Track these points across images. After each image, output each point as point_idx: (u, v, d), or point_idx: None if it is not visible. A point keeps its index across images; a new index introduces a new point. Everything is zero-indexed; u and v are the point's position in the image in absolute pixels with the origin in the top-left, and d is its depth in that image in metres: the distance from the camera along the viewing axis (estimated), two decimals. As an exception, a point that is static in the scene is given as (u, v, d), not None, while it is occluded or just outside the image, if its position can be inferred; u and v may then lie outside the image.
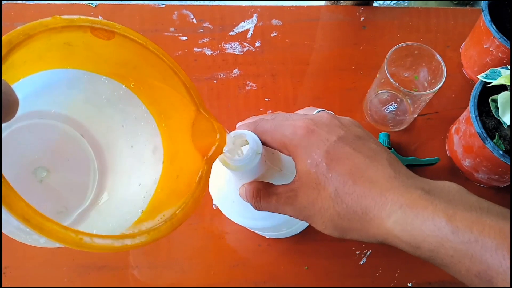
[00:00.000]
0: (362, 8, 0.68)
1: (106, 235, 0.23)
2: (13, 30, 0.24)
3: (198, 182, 0.29)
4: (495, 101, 0.49)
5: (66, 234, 0.21)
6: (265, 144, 0.33)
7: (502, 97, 0.48)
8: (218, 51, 0.64)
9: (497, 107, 0.49)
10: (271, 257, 0.53)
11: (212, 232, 0.54)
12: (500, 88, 0.50)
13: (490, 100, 0.50)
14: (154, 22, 0.66)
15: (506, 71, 0.49)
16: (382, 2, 1.47)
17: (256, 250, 0.53)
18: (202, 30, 0.65)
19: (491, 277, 0.24)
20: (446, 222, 0.25)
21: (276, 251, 0.53)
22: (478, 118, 0.49)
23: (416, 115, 0.58)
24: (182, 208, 0.27)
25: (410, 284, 0.52)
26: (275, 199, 0.32)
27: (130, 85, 0.32)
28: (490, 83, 0.49)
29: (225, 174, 0.36)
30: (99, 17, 0.65)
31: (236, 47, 0.65)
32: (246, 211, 0.38)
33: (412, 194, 0.27)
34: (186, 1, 0.79)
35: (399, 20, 0.68)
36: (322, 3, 0.71)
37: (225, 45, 0.65)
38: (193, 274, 0.52)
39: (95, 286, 0.51)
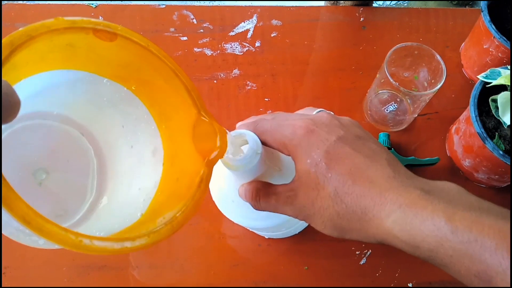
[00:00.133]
0: (362, 8, 0.68)
1: (105, 237, 0.23)
2: (15, 31, 0.24)
3: (198, 185, 0.29)
4: (495, 101, 0.49)
5: (65, 236, 0.21)
6: (264, 144, 0.33)
7: (502, 97, 0.48)
8: (218, 51, 0.64)
9: (497, 107, 0.49)
10: (271, 257, 0.53)
11: (212, 232, 0.54)
12: (500, 88, 0.50)
13: (490, 100, 0.50)
14: (154, 22, 0.66)
15: (506, 71, 0.49)
16: (381, 3, 1.47)
17: (256, 250, 0.53)
18: (202, 30, 0.65)
19: (491, 277, 0.24)
20: (446, 222, 0.25)
21: (276, 251, 0.53)
22: (478, 118, 0.49)
23: (416, 115, 0.58)
24: (183, 211, 0.27)
25: (410, 284, 0.52)
26: (275, 199, 0.32)
27: (132, 87, 0.32)
28: (490, 83, 0.49)
29: (224, 173, 0.36)
30: (100, 17, 0.65)
31: (236, 47, 0.65)
32: (246, 211, 0.38)
33: (411, 194, 0.27)
34: (186, 1, 0.79)
35: (399, 20, 0.68)
36: (322, 4, 0.71)
37: (225, 45, 0.65)
38: (193, 274, 0.52)
39: (95, 286, 0.51)
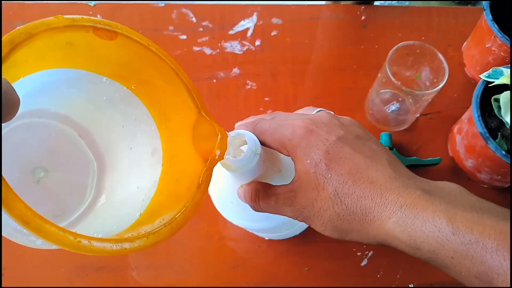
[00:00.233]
0: (363, 7, 0.68)
1: (104, 238, 0.22)
2: (15, 29, 0.24)
3: (198, 186, 0.29)
4: (498, 100, 0.49)
5: (64, 237, 0.21)
6: (264, 144, 0.33)
7: (504, 96, 0.48)
8: (218, 50, 0.64)
9: (499, 107, 0.48)
10: (272, 258, 0.53)
11: (212, 232, 0.53)
12: (502, 87, 0.49)
13: (492, 99, 0.49)
14: (153, 21, 0.66)
15: (509, 71, 0.49)
16: (383, 1, 1.46)
17: (256, 251, 0.53)
18: (201, 29, 0.65)
19: (492, 278, 0.24)
20: (447, 223, 0.25)
21: (276, 252, 0.53)
22: (481, 118, 0.48)
23: (418, 115, 0.58)
24: (182, 212, 0.27)
25: (411, 285, 0.52)
26: (274, 200, 0.32)
27: (132, 86, 0.32)
28: (493, 83, 0.49)
29: (223, 174, 0.36)
30: (98, 16, 0.65)
31: (236, 46, 0.64)
32: (245, 212, 0.37)
33: (412, 194, 0.27)
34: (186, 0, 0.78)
35: (400, 19, 0.67)
36: (323, 2, 0.71)
37: (225, 44, 0.64)
38: (193, 275, 0.52)
39: (94, 287, 0.50)
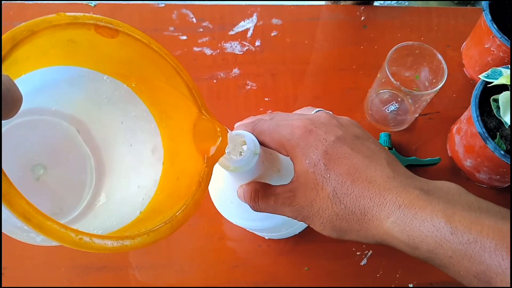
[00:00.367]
0: (363, 7, 0.68)
1: (105, 236, 0.23)
2: (17, 26, 0.24)
3: (199, 184, 0.29)
4: (497, 100, 0.49)
5: (66, 234, 0.21)
6: (263, 144, 0.33)
7: (503, 97, 0.48)
8: (218, 51, 0.64)
9: (498, 107, 0.48)
10: (271, 257, 0.53)
11: (211, 232, 0.54)
12: (501, 87, 0.49)
13: (491, 99, 0.49)
14: (153, 21, 0.66)
15: (508, 71, 0.49)
16: (382, 2, 1.46)
17: (256, 251, 0.53)
18: (202, 30, 0.65)
19: (490, 277, 0.24)
20: (445, 222, 0.25)
21: (276, 252, 0.53)
22: (480, 118, 0.49)
23: (417, 115, 0.58)
24: (183, 210, 0.27)
25: (411, 285, 0.52)
26: (273, 200, 0.32)
27: (132, 84, 0.32)
28: (492, 83, 0.49)
29: (223, 174, 0.36)
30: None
31: (236, 47, 0.64)
32: (245, 212, 0.38)
33: (410, 194, 0.27)
34: (186, 0, 0.78)
35: (400, 19, 0.67)
36: (323, 3, 0.71)
37: (225, 44, 0.64)
38: (193, 274, 0.52)
39: (94, 287, 0.51)
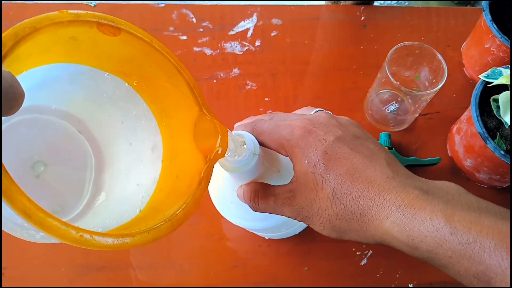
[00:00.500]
0: (363, 7, 0.68)
1: (106, 233, 0.23)
2: (19, 23, 0.24)
3: (199, 183, 0.29)
4: (497, 100, 0.49)
5: (66, 231, 0.21)
6: (262, 144, 0.33)
7: (503, 96, 0.48)
8: (218, 51, 0.64)
9: (498, 107, 0.48)
10: (271, 258, 0.53)
11: (212, 232, 0.54)
12: (501, 87, 0.49)
13: (491, 99, 0.49)
14: (153, 21, 0.66)
15: (508, 71, 0.49)
16: (382, 2, 1.46)
17: (256, 251, 0.53)
18: (202, 30, 0.65)
19: (490, 277, 0.24)
20: (445, 222, 0.25)
21: (276, 252, 0.53)
22: (480, 118, 0.49)
23: (417, 115, 0.58)
24: (183, 208, 0.27)
25: (411, 285, 0.52)
26: (273, 200, 0.32)
27: (133, 82, 0.32)
28: (492, 83, 0.49)
29: (223, 175, 0.36)
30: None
31: (236, 47, 0.64)
32: (244, 212, 0.38)
33: (410, 194, 0.27)
34: (186, 0, 0.78)
35: (400, 19, 0.67)
36: (323, 3, 0.71)
37: (225, 44, 0.64)
38: (193, 274, 0.52)
39: (95, 287, 0.51)
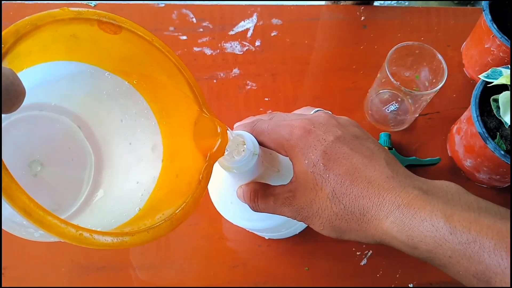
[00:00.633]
0: (363, 7, 0.68)
1: (105, 232, 0.23)
2: (20, 20, 0.24)
3: (198, 182, 0.29)
4: (497, 100, 0.49)
5: (66, 229, 0.21)
6: (262, 144, 0.33)
7: (503, 97, 0.48)
8: (218, 51, 0.64)
9: (498, 107, 0.48)
10: (271, 257, 0.53)
11: (211, 232, 0.54)
12: (501, 87, 0.49)
13: (491, 99, 0.49)
14: (153, 21, 0.66)
15: (508, 71, 0.49)
16: (382, 2, 1.46)
17: (256, 251, 0.53)
18: (202, 30, 0.65)
19: (489, 277, 0.24)
20: (444, 222, 0.25)
21: (276, 252, 0.53)
22: (480, 118, 0.49)
23: (417, 115, 0.58)
24: (182, 207, 0.27)
25: (411, 285, 0.52)
26: (273, 200, 0.32)
27: (133, 81, 0.32)
28: (491, 83, 0.49)
29: (223, 175, 0.36)
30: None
31: (236, 47, 0.64)
32: (244, 213, 0.38)
33: (409, 194, 0.27)
34: (186, 0, 0.78)
35: (400, 19, 0.67)
36: (323, 3, 0.71)
37: (225, 44, 0.64)
38: (193, 274, 0.52)
39: (94, 287, 0.50)
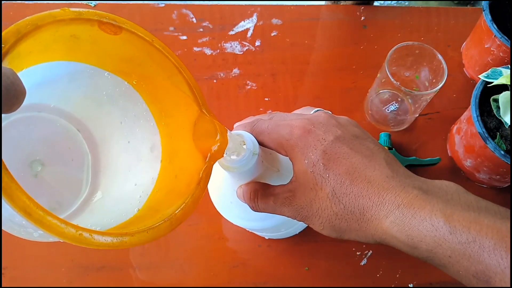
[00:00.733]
0: (363, 7, 0.68)
1: (105, 232, 0.23)
2: (21, 20, 0.24)
3: (198, 182, 0.29)
4: (497, 100, 0.49)
5: (66, 229, 0.21)
6: (262, 144, 0.33)
7: (503, 97, 0.48)
8: (218, 51, 0.64)
9: (498, 107, 0.48)
10: (271, 257, 0.53)
11: (211, 232, 0.54)
12: (501, 87, 0.49)
13: (491, 99, 0.49)
14: (153, 21, 0.66)
15: (508, 71, 0.49)
16: (382, 2, 1.46)
17: (256, 251, 0.53)
18: (202, 30, 0.65)
19: (489, 277, 0.24)
20: (444, 222, 0.25)
21: (276, 252, 0.53)
22: (480, 118, 0.49)
23: (417, 115, 0.58)
24: (182, 208, 0.27)
25: (411, 285, 0.52)
26: (273, 200, 0.32)
27: (133, 81, 0.32)
28: (491, 83, 0.49)
29: (222, 175, 0.36)
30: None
31: (236, 47, 0.64)
32: (244, 212, 0.38)
33: (409, 194, 0.27)
34: (186, 0, 0.78)
35: (400, 19, 0.67)
36: (323, 3, 0.71)
37: (225, 44, 0.64)
38: (193, 274, 0.52)
39: (94, 287, 0.51)
